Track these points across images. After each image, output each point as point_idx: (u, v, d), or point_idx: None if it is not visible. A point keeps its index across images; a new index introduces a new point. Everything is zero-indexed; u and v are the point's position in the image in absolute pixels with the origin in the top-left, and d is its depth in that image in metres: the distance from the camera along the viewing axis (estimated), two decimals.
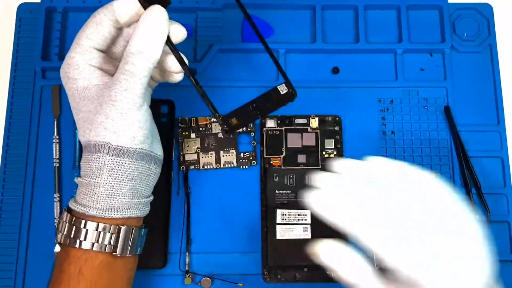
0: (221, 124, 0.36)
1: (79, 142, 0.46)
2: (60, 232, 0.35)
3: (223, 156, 0.47)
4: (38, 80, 0.48)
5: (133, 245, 0.36)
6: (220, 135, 0.47)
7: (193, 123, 0.47)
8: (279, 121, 0.47)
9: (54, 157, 0.46)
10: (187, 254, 0.44)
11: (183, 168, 0.46)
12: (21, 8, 0.50)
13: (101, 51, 0.36)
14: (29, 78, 0.48)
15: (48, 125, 0.47)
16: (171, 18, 0.35)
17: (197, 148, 0.47)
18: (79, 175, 0.45)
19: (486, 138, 0.48)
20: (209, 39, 0.49)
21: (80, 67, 0.35)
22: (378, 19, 0.51)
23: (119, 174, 0.34)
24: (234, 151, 0.47)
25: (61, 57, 0.49)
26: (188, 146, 0.47)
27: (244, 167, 0.46)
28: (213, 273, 0.44)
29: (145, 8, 0.34)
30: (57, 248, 0.44)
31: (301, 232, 0.45)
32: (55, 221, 0.45)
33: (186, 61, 0.36)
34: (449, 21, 0.50)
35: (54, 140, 0.46)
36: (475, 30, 0.50)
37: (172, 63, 0.36)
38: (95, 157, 0.34)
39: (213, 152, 0.47)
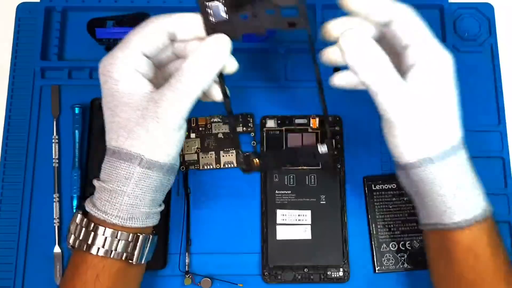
0: (240, 162, 0.35)
1: (79, 142, 0.46)
2: (74, 235, 0.35)
3: (223, 156, 0.46)
4: (37, 80, 0.48)
5: (148, 253, 0.36)
6: (220, 135, 0.47)
7: (193, 123, 0.47)
8: (279, 121, 0.47)
9: (53, 157, 0.46)
10: (186, 254, 0.44)
11: (183, 168, 0.46)
12: (20, 8, 0.50)
13: (148, 57, 0.35)
14: (28, 78, 0.48)
15: (48, 125, 0.47)
16: None
17: (197, 148, 0.47)
18: (79, 175, 0.45)
19: (487, 138, 0.48)
20: None
21: (126, 70, 0.33)
22: None
23: (145, 186, 0.34)
24: (234, 151, 0.46)
25: (61, 57, 0.49)
26: (188, 146, 0.47)
27: None
28: (213, 274, 0.44)
29: (208, 33, 0.34)
30: (57, 249, 0.44)
31: (301, 232, 0.44)
32: (55, 221, 0.45)
33: (229, 94, 0.36)
34: (450, 21, 0.50)
35: (53, 140, 0.46)
36: (476, 30, 0.50)
37: (216, 92, 0.36)
38: (124, 165, 0.33)
39: (213, 152, 0.46)
